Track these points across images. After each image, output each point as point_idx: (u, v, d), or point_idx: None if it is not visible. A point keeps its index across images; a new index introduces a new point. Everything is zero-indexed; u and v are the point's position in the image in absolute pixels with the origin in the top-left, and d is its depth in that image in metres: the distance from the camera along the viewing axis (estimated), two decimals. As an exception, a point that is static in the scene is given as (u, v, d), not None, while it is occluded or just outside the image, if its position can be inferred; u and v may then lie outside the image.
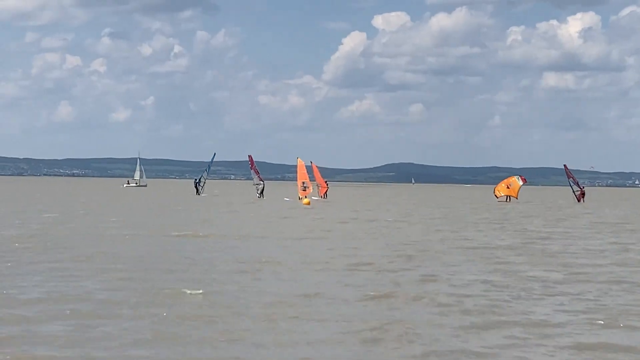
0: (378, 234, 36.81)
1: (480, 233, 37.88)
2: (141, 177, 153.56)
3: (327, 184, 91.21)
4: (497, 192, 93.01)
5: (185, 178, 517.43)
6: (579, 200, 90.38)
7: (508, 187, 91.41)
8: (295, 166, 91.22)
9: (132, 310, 14.81)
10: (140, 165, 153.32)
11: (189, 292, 17.03)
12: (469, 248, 29.82)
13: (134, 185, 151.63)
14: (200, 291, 17.06)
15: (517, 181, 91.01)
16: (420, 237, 34.56)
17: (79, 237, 30.30)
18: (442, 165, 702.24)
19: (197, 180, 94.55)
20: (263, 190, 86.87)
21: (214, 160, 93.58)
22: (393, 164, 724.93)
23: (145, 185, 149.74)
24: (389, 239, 33.81)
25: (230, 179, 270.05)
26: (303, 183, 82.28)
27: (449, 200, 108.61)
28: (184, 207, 61.10)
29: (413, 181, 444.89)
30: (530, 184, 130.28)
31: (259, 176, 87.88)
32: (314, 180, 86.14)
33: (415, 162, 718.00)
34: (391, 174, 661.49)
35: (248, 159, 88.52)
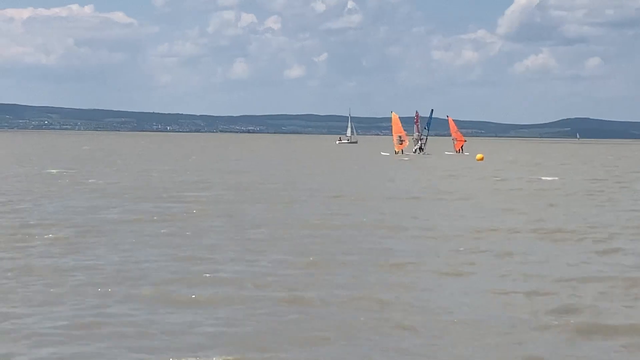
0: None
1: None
2: (352, 133, 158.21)
3: (464, 138, 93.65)
4: None
5: (358, 134, 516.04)
6: None
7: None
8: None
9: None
10: (351, 122, 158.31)
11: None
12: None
13: (346, 142, 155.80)
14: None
15: None
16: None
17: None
18: (619, 120, 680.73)
19: (420, 137, 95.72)
20: (422, 146, 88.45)
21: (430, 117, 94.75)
22: (568, 119, 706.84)
23: (356, 142, 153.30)
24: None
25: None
26: (399, 137, 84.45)
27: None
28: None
29: (578, 136, 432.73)
30: None
31: (419, 133, 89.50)
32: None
33: (591, 117, 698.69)
34: (566, 129, 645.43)
35: (415, 115, 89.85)
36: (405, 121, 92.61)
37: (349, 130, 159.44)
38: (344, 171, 54.72)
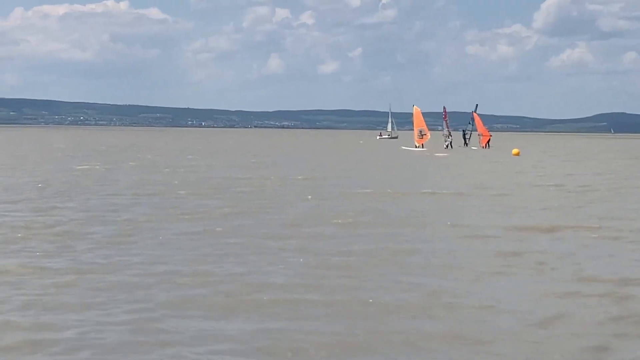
0: None
1: None
2: (393, 128, 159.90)
3: (489, 133, 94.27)
4: None
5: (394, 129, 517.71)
6: None
7: None
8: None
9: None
10: (391, 117, 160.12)
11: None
12: None
13: (387, 137, 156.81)
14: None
15: None
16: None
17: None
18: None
19: (464, 132, 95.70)
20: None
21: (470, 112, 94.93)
22: (604, 113, 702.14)
23: (397, 137, 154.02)
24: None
25: (437, 130, 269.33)
26: (420, 131, 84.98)
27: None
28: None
29: (612, 131, 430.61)
30: None
31: (448, 129, 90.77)
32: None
33: (628, 112, 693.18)
34: (602, 124, 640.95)
35: (443, 111, 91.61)
36: (442, 116, 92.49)
37: (389, 125, 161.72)
38: (380, 166, 54.07)
